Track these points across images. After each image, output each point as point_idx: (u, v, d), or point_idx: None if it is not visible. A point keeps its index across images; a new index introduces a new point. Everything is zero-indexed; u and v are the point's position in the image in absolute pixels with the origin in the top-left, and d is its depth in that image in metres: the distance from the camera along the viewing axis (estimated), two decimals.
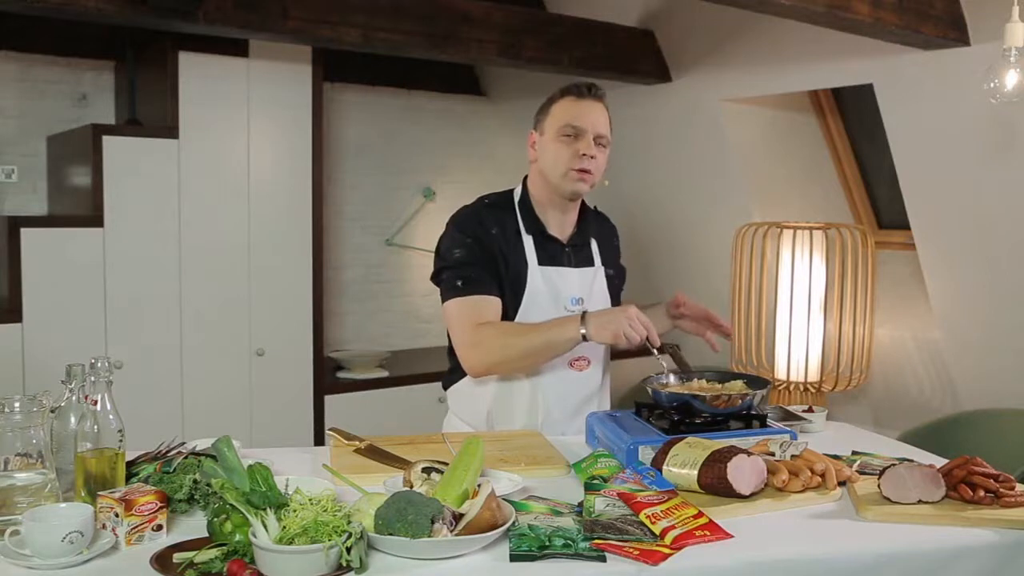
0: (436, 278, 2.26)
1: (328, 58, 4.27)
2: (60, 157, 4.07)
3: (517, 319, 2.21)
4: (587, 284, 2.30)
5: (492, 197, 2.33)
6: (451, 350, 2.28)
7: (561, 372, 2.26)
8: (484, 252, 2.19)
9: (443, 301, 2.22)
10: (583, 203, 2.37)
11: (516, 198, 2.31)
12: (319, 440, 4.20)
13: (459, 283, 2.18)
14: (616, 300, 2.39)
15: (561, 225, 2.30)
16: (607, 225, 2.48)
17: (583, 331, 2.06)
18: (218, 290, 4.05)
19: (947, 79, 3.45)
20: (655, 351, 2.11)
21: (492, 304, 2.18)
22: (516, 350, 2.14)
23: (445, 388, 2.39)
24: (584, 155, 2.19)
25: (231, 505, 1.40)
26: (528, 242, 2.24)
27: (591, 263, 2.34)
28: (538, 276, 2.23)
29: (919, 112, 3.62)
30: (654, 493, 1.61)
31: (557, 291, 2.24)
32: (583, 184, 2.22)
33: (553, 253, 2.27)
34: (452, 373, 2.34)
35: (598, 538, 1.47)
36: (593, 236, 2.37)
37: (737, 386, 2.15)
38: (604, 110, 2.25)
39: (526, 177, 2.34)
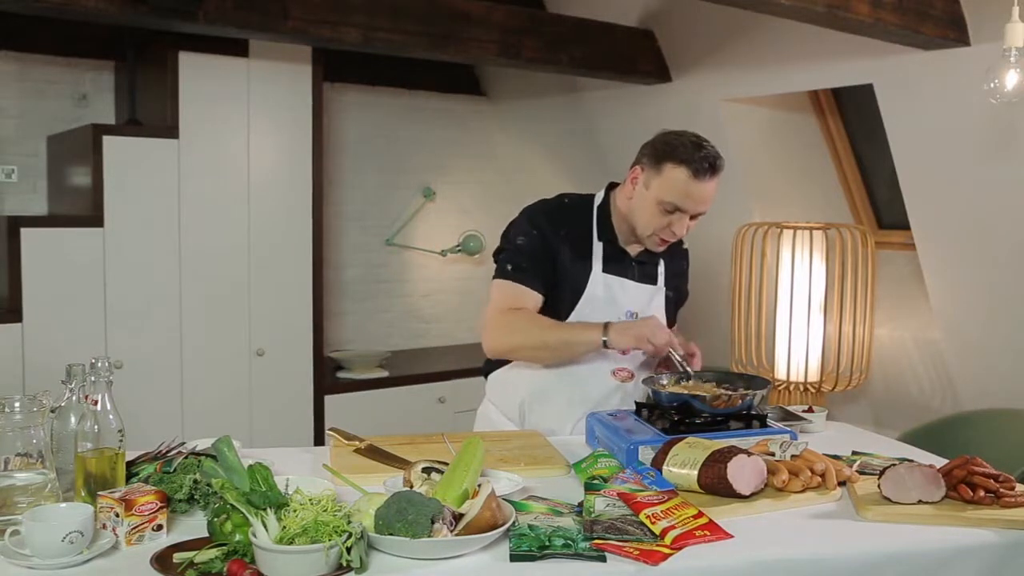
0: (496, 256, 2.31)
1: (328, 58, 4.27)
2: (60, 157, 4.07)
3: (570, 320, 2.23)
4: (645, 300, 2.32)
5: (572, 198, 2.36)
6: None
7: (603, 379, 2.29)
8: (544, 248, 2.23)
9: (493, 278, 2.28)
10: None
11: (596, 202, 2.32)
12: (319, 440, 4.20)
13: (509, 267, 2.24)
14: (671, 321, 2.40)
15: (633, 240, 2.32)
16: (679, 249, 2.46)
17: (604, 338, 2.10)
18: (218, 290, 4.05)
19: (947, 79, 3.45)
20: (679, 358, 2.15)
21: (531, 297, 2.22)
22: (532, 340, 2.19)
23: (485, 375, 2.42)
24: (675, 232, 2.22)
25: (231, 505, 1.40)
26: (598, 248, 2.27)
27: (654, 281, 2.36)
28: (600, 282, 2.25)
29: (919, 112, 3.62)
30: (654, 493, 1.61)
31: (615, 300, 2.26)
32: (662, 248, 2.29)
33: (619, 263, 2.29)
34: (492, 361, 2.37)
35: (598, 538, 1.47)
36: (662, 257, 2.37)
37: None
38: (716, 183, 2.20)
39: (610, 185, 2.35)
